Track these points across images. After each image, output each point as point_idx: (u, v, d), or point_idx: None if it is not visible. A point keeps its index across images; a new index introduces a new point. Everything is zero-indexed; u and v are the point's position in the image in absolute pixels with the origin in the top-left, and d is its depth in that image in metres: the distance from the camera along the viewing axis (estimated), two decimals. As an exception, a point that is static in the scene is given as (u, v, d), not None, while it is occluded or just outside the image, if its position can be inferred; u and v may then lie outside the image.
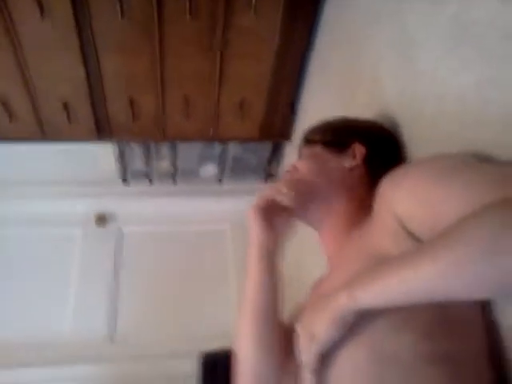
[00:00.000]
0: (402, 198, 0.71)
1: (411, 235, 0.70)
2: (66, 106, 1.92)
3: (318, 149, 1.00)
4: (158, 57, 1.80)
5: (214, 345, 1.86)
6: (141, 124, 2.04)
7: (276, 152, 2.51)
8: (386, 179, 0.77)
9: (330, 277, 0.89)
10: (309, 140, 1.05)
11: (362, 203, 0.91)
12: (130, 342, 2.31)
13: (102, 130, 2.04)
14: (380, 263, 0.64)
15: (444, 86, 0.90)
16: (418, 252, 0.59)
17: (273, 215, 0.91)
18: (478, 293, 0.55)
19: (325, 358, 0.70)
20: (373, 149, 0.98)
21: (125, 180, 2.59)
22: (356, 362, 0.67)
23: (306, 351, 0.70)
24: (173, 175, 2.58)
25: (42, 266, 2.45)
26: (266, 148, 2.47)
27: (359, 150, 0.97)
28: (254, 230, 0.90)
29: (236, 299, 2.43)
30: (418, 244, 0.68)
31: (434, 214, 0.65)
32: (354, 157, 0.97)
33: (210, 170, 2.57)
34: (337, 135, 1.02)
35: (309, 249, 1.71)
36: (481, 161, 0.72)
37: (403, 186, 0.72)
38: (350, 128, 1.04)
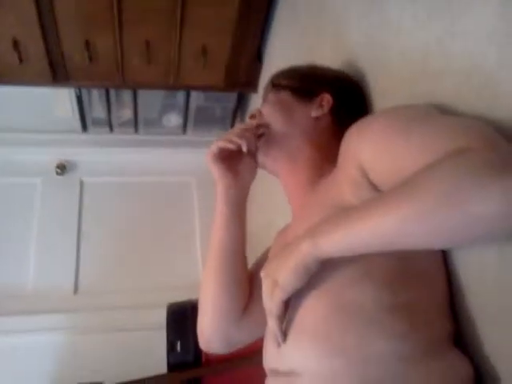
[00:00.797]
0: (365, 148, 0.71)
1: (373, 186, 0.70)
2: (16, 45, 1.80)
3: (285, 95, 0.98)
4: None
5: (181, 296, 1.87)
6: (98, 68, 1.94)
7: (241, 103, 2.46)
8: (351, 129, 0.77)
9: (293, 225, 0.89)
10: (275, 84, 1.01)
11: (327, 153, 0.91)
12: (94, 293, 2.29)
13: (57, 72, 1.94)
14: (342, 211, 0.64)
15: (409, 37, 0.89)
16: (379, 200, 0.59)
17: (234, 161, 0.91)
18: (436, 242, 0.56)
19: (287, 307, 0.71)
20: (340, 99, 0.97)
21: (84, 127, 2.49)
22: (318, 311, 0.68)
23: (269, 298, 0.70)
24: (135, 124, 2.49)
25: (1, 216, 2.38)
26: (230, 98, 2.41)
27: (327, 99, 0.96)
28: (216, 178, 0.90)
29: (202, 251, 2.44)
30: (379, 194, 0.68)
31: (395, 164, 0.65)
32: (321, 106, 0.95)
33: (173, 119, 2.50)
34: (305, 83, 0.99)
35: (281, 209, 1.71)
36: (442, 113, 0.71)
37: (366, 137, 0.72)
38: (318, 77, 1.02)
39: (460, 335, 0.73)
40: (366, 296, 0.65)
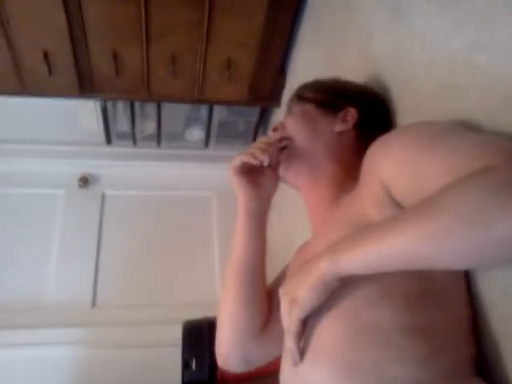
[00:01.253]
0: (387, 164, 0.69)
1: (396, 203, 0.69)
2: (46, 57, 1.83)
3: (310, 108, 0.97)
4: (143, 6, 1.72)
5: (197, 313, 1.84)
6: (125, 80, 1.96)
7: (264, 117, 2.45)
8: (374, 145, 0.75)
9: (313, 242, 0.87)
10: (300, 96, 1.00)
11: (350, 169, 0.89)
12: (111, 308, 2.28)
13: (84, 84, 1.97)
14: (363, 228, 0.63)
15: (434, 49, 0.88)
16: (399, 219, 0.58)
17: (256, 174, 0.91)
18: (455, 263, 0.55)
19: (305, 326, 0.70)
20: (364, 114, 0.96)
21: (108, 140, 2.52)
22: (335, 331, 0.67)
23: (288, 316, 0.69)
24: (157, 137, 2.50)
25: (23, 227, 2.39)
26: (253, 113, 2.41)
27: (351, 114, 0.94)
28: (237, 191, 0.90)
29: (220, 268, 2.41)
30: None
31: (418, 181, 0.64)
32: (345, 121, 0.94)
33: (195, 133, 2.50)
34: (330, 96, 0.98)
35: (301, 226, 1.68)
36: (467, 129, 0.70)
37: (389, 153, 0.70)
38: (343, 90, 1.01)
39: (483, 362, 0.70)
40: (384, 317, 0.64)
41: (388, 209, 0.69)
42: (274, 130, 0.97)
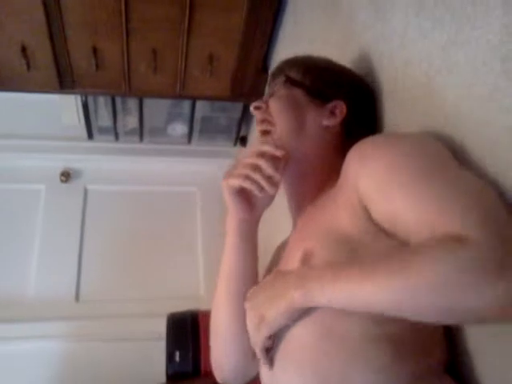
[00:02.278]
0: (367, 181, 0.68)
1: (370, 216, 0.68)
2: (24, 52, 1.81)
3: (298, 93, 0.89)
4: (123, 1, 1.71)
5: (181, 306, 1.85)
6: (105, 75, 1.95)
7: (247, 113, 2.45)
8: (355, 151, 0.72)
9: (291, 241, 0.86)
10: (289, 78, 0.91)
11: (331, 165, 0.85)
12: (95, 302, 2.28)
13: (63, 79, 1.94)
14: (339, 266, 0.63)
15: (413, 48, 0.87)
16: (371, 268, 0.59)
17: (251, 195, 0.83)
18: (425, 319, 0.58)
19: (274, 338, 0.71)
20: (353, 110, 0.90)
21: (90, 135, 2.50)
22: (304, 339, 0.68)
23: (255, 331, 0.69)
24: (140, 132, 2.50)
25: (5, 222, 2.37)
26: (236, 108, 2.41)
27: (340, 108, 0.89)
28: (230, 209, 0.84)
29: (203, 261, 2.42)
30: (375, 228, 0.67)
31: (393, 209, 0.64)
32: (334, 115, 0.88)
33: (178, 128, 2.50)
34: (321, 84, 0.91)
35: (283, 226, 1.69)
36: (456, 167, 0.66)
37: (371, 170, 0.68)
38: (335, 79, 0.94)
39: (454, 361, 0.72)
40: (352, 327, 0.65)
41: (363, 222, 0.68)
42: (257, 108, 0.90)
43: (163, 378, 1.74)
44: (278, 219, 1.55)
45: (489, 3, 0.65)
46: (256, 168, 0.76)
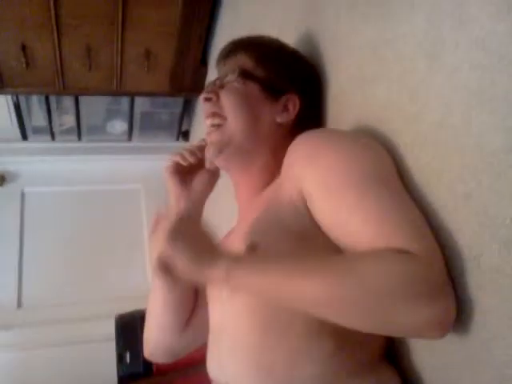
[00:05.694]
0: (311, 181, 0.67)
1: (311, 215, 0.68)
2: None
3: (253, 89, 0.84)
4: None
5: (130, 306, 1.82)
6: (37, 74, 1.88)
7: (188, 108, 2.44)
8: (299, 147, 0.71)
9: (236, 231, 0.86)
10: (245, 71, 0.85)
11: (281, 158, 0.80)
12: (39, 307, 2.20)
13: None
14: (271, 257, 0.64)
15: (345, 43, 0.89)
16: (308, 269, 0.59)
17: (189, 176, 0.91)
18: (349, 323, 0.59)
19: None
20: (307, 104, 0.87)
21: (24, 136, 2.40)
22: (246, 331, 0.69)
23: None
24: (77, 131, 2.42)
25: None
26: (177, 104, 2.38)
27: (293, 103, 0.85)
28: (168, 190, 0.90)
29: (150, 259, 2.39)
30: (317, 224, 0.68)
31: (338, 218, 0.64)
32: (287, 110, 0.85)
33: (117, 126, 2.45)
34: (275, 76, 0.86)
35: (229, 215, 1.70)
36: (395, 176, 0.68)
37: (316, 170, 0.67)
38: (288, 69, 0.89)
39: (391, 346, 0.75)
40: (294, 320, 0.66)
41: (306, 219, 0.68)
42: (207, 100, 0.85)
43: (115, 381, 1.71)
44: (224, 210, 1.56)
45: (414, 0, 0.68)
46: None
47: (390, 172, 0.68)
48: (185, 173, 0.91)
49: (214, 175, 0.92)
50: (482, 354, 0.57)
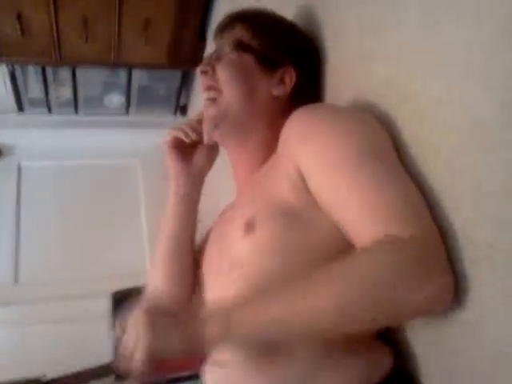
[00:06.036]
0: (308, 158, 0.67)
1: (308, 191, 0.68)
2: None
3: (249, 60, 0.83)
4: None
5: (126, 284, 1.82)
6: (33, 43, 1.85)
7: (186, 82, 2.40)
8: (296, 122, 0.71)
9: (234, 206, 0.87)
10: (239, 42, 0.84)
11: (277, 134, 0.78)
12: (36, 283, 2.20)
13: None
14: (258, 292, 0.63)
15: (347, 15, 0.87)
16: (308, 285, 0.59)
17: (189, 151, 0.90)
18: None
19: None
20: (303, 77, 0.86)
21: (20, 108, 2.37)
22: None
23: (130, 357, 0.64)
24: (74, 104, 2.39)
25: None
26: (174, 77, 2.35)
27: (290, 76, 0.84)
28: (168, 165, 0.90)
29: (148, 235, 2.39)
30: (314, 199, 0.68)
31: (336, 196, 0.64)
32: (283, 83, 0.84)
33: (115, 99, 2.42)
34: (271, 48, 0.85)
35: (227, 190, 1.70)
36: (394, 155, 0.67)
37: (312, 146, 0.67)
38: (285, 42, 0.87)
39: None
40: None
41: (305, 196, 0.68)
42: (203, 73, 0.84)
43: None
44: (222, 186, 1.55)
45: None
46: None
47: (387, 146, 0.68)
48: (184, 147, 0.90)
49: (213, 151, 0.92)
50: (475, 330, 0.58)
